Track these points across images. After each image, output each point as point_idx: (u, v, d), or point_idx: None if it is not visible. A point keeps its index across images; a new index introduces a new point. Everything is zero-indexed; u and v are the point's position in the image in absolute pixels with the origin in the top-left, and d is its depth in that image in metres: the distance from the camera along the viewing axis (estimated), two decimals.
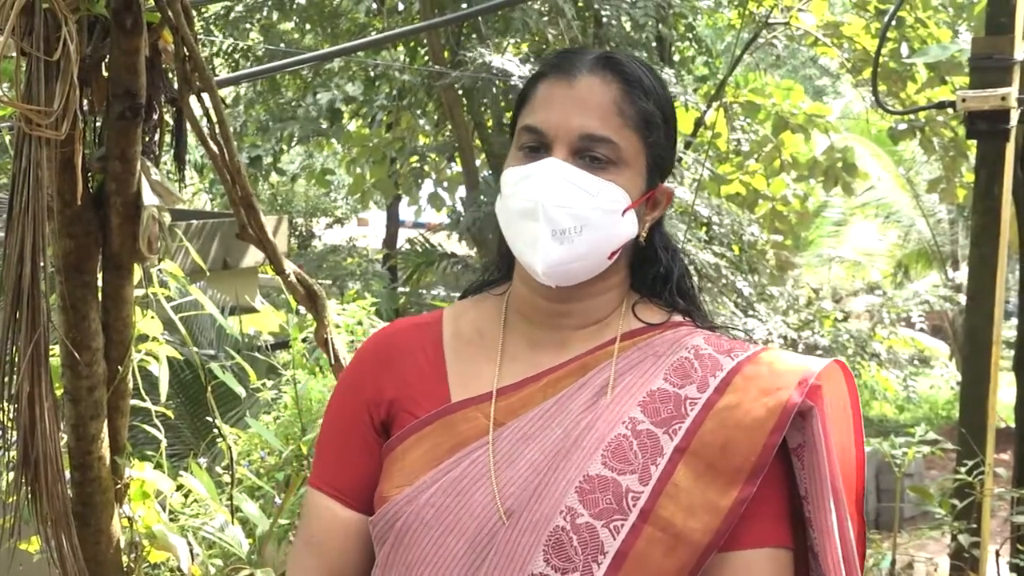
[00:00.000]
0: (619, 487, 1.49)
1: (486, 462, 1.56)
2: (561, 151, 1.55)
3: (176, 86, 2.74)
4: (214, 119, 2.69)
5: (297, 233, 24.20)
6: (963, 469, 4.72)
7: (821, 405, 1.53)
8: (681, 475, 1.49)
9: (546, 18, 10.55)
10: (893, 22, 10.72)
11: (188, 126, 2.83)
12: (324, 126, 13.68)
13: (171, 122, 2.87)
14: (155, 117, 2.76)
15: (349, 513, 1.67)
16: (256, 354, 6.51)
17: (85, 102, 2.64)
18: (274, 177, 16.16)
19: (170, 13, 2.59)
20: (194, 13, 2.54)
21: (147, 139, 2.75)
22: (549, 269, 1.55)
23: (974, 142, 5.55)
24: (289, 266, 2.87)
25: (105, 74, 2.66)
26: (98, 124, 2.74)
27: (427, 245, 13.29)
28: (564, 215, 1.53)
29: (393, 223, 20.43)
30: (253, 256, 10.38)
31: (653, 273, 1.68)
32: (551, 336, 1.64)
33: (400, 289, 14.08)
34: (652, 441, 1.51)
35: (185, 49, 2.62)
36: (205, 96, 2.73)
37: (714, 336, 1.64)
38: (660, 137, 1.60)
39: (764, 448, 1.49)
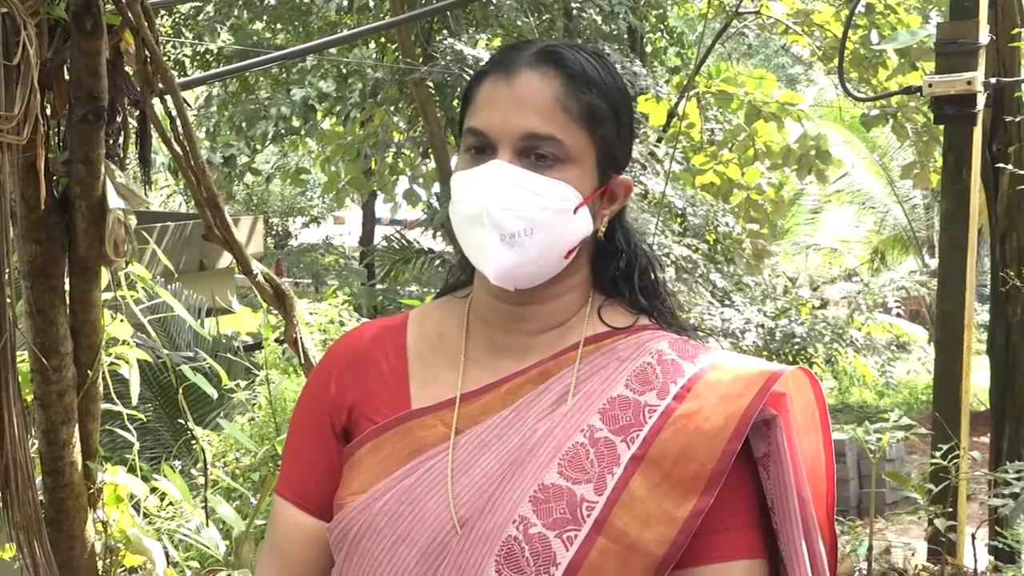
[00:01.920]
0: (574, 497, 1.45)
1: (442, 470, 1.53)
2: (505, 153, 1.50)
3: (139, 88, 2.72)
4: (177, 120, 2.68)
5: (274, 233, 24.17)
6: (938, 454, 4.74)
7: (785, 413, 1.49)
8: (637, 484, 1.45)
9: (514, 13, 10.54)
10: (860, 8, 10.76)
11: (152, 128, 2.82)
12: (297, 124, 13.65)
13: (135, 124, 2.86)
14: (118, 120, 2.75)
15: (311, 520, 1.64)
16: (232, 355, 6.51)
17: (47, 106, 2.63)
18: (249, 177, 16.12)
19: (130, 15, 2.58)
20: (163, 14, 2.53)
21: (111, 142, 2.74)
22: (501, 274, 1.51)
23: None
24: (257, 266, 2.87)
25: (67, 77, 2.65)
26: (61, 128, 2.73)
27: (404, 242, 13.28)
28: (511, 218, 1.48)
29: (369, 221, 20.43)
30: (229, 257, 10.33)
31: (614, 268, 1.62)
32: (512, 341, 1.59)
33: (379, 286, 14.06)
34: (609, 449, 1.47)
35: (146, 51, 2.61)
36: (169, 97, 2.72)
37: (680, 340, 1.58)
38: (610, 130, 1.54)
39: (722, 455, 1.44)
